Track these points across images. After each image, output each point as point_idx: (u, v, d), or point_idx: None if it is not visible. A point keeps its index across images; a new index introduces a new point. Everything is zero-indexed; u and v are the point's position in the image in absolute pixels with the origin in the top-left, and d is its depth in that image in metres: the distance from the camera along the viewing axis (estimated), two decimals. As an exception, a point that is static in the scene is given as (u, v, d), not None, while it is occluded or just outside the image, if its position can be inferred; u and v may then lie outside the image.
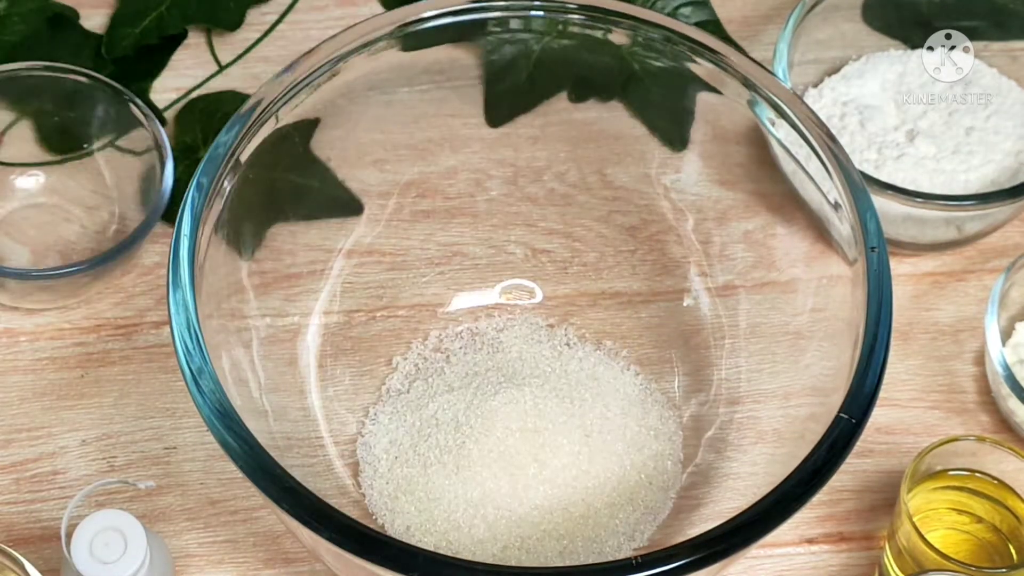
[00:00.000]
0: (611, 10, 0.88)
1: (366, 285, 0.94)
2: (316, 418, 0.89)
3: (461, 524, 0.86)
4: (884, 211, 0.88)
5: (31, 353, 0.94)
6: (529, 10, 0.88)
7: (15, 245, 0.96)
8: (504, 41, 0.95)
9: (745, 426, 0.88)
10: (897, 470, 0.90)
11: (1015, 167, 0.98)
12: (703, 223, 0.93)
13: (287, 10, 1.07)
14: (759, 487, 0.77)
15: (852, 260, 0.82)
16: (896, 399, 0.94)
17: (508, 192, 0.95)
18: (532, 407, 0.88)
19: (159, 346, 0.94)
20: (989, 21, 1.04)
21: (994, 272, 0.98)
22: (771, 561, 0.89)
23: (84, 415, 0.92)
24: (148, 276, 0.96)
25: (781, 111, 0.85)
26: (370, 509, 0.87)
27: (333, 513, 0.72)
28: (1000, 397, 0.93)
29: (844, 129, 0.99)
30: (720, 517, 0.74)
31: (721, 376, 0.91)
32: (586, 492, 0.87)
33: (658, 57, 0.90)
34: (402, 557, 0.71)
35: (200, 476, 0.90)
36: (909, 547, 0.82)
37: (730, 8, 1.06)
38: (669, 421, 0.90)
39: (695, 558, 0.72)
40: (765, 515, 0.73)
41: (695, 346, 0.92)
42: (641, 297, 0.94)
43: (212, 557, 0.88)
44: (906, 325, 0.96)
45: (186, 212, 0.80)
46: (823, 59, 1.03)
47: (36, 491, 0.89)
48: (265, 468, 0.73)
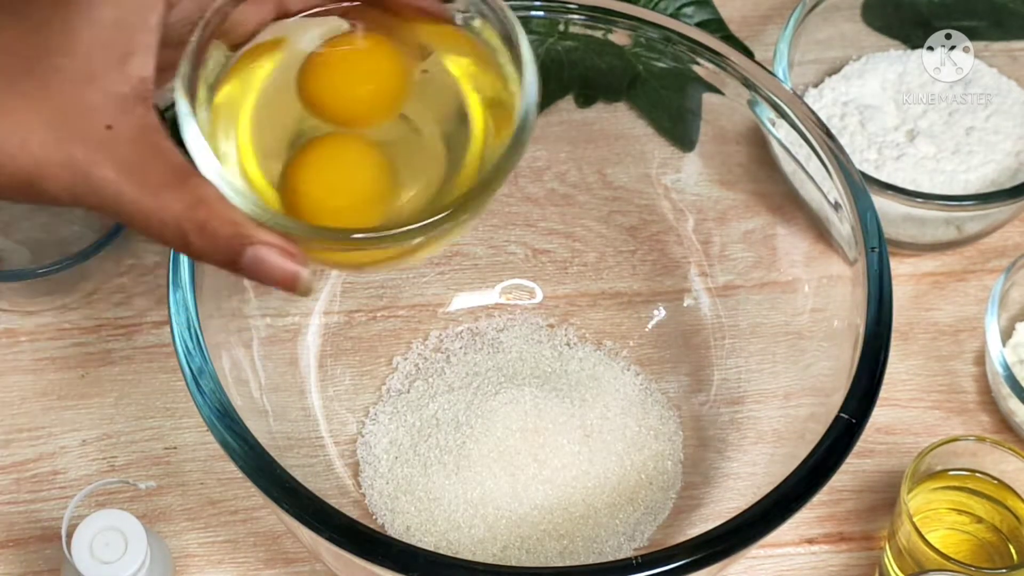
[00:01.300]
0: (610, 10, 0.88)
1: (366, 285, 0.94)
2: (316, 418, 0.89)
3: (461, 524, 0.86)
4: (884, 211, 0.88)
5: (31, 353, 0.94)
6: (529, 10, 0.88)
7: (15, 245, 0.96)
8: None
9: (745, 426, 0.88)
10: (897, 470, 0.90)
11: (1015, 167, 0.98)
12: (703, 223, 0.93)
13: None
14: (759, 487, 0.77)
15: (852, 260, 0.82)
16: (896, 399, 0.94)
17: (508, 192, 0.95)
18: (532, 407, 0.88)
19: (159, 346, 0.94)
20: (989, 21, 1.04)
21: (994, 272, 0.98)
22: (771, 561, 0.89)
23: (84, 415, 0.92)
24: (148, 276, 0.96)
25: (781, 111, 0.85)
26: (370, 509, 0.87)
27: (333, 513, 0.72)
28: (1000, 397, 0.93)
29: (844, 129, 0.99)
30: (720, 517, 0.74)
31: (721, 376, 0.91)
32: (586, 492, 0.87)
33: (660, 58, 0.90)
34: (402, 557, 0.71)
35: (200, 476, 0.90)
36: (909, 547, 0.82)
37: (730, 8, 1.06)
38: (669, 421, 0.90)
39: (695, 558, 0.72)
40: (765, 515, 0.73)
41: (695, 346, 0.92)
42: (641, 297, 0.94)
43: (212, 557, 0.88)
44: (906, 325, 0.96)
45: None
46: (823, 59, 1.03)
47: (36, 491, 0.89)
48: (265, 468, 0.73)
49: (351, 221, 0.64)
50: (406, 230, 0.63)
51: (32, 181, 0.61)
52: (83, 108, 0.61)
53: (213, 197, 0.61)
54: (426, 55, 0.69)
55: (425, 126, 0.68)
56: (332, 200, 0.64)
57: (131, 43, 0.62)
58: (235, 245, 0.61)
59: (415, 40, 0.69)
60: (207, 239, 0.61)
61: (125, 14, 0.62)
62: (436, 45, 0.69)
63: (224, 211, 0.61)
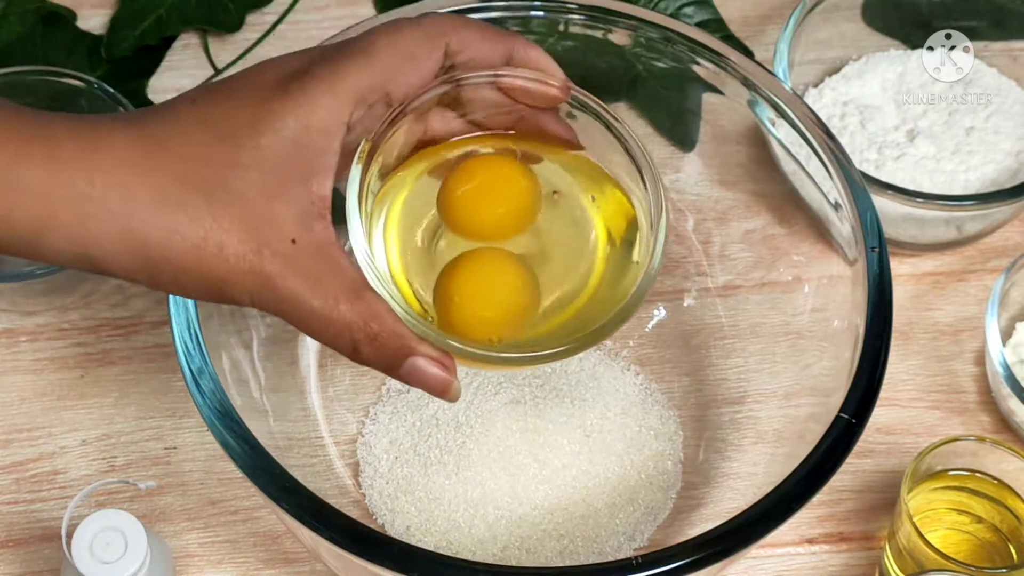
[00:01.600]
0: (610, 10, 0.88)
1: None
2: (316, 418, 0.89)
3: (461, 524, 0.86)
4: (884, 211, 0.88)
5: (31, 353, 0.94)
6: (529, 10, 0.88)
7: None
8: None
9: (745, 426, 0.88)
10: (897, 470, 0.90)
11: (1015, 167, 0.98)
12: (703, 223, 0.93)
13: (287, 10, 1.07)
14: (759, 487, 0.77)
15: (852, 260, 0.82)
16: (896, 399, 0.94)
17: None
18: (532, 407, 0.88)
19: (159, 346, 0.94)
20: (989, 21, 1.04)
21: (994, 272, 0.98)
22: (771, 561, 0.89)
23: (84, 415, 0.92)
24: (148, 276, 0.96)
25: (781, 111, 0.85)
26: (370, 509, 0.87)
27: (333, 513, 0.72)
28: (1000, 397, 0.93)
29: (844, 129, 0.99)
30: (720, 517, 0.74)
31: (721, 376, 0.91)
32: (586, 492, 0.87)
33: (660, 58, 0.90)
34: (402, 557, 0.71)
35: (200, 476, 0.90)
36: (909, 547, 0.82)
37: (730, 8, 1.06)
38: (669, 421, 0.90)
39: (695, 558, 0.71)
40: (765, 515, 0.73)
41: (695, 346, 0.92)
42: (641, 297, 0.94)
43: (212, 557, 0.88)
44: (906, 325, 0.96)
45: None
46: (823, 59, 1.03)
47: (36, 491, 0.89)
48: (265, 468, 0.73)
49: (499, 331, 0.72)
50: (546, 354, 0.71)
51: (221, 286, 0.66)
52: (272, 221, 0.66)
53: (384, 311, 0.67)
54: (559, 182, 0.76)
55: (554, 245, 0.75)
56: (483, 312, 0.72)
57: (315, 164, 0.67)
58: (400, 356, 0.67)
59: (551, 165, 0.76)
60: (376, 350, 0.67)
61: (311, 136, 0.66)
62: (569, 170, 0.76)
63: (393, 325, 0.67)
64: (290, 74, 0.67)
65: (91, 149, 0.65)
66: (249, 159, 0.66)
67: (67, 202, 0.64)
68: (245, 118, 0.66)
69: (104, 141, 0.65)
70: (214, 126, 0.66)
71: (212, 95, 0.67)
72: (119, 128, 0.66)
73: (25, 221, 0.64)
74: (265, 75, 0.68)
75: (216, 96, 0.67)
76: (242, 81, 0.68)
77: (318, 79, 0.67)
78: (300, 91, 0.66)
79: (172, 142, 0.66)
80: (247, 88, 0.67)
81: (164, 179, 0.65)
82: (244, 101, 0.67)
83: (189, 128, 0.66)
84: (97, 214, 0.64)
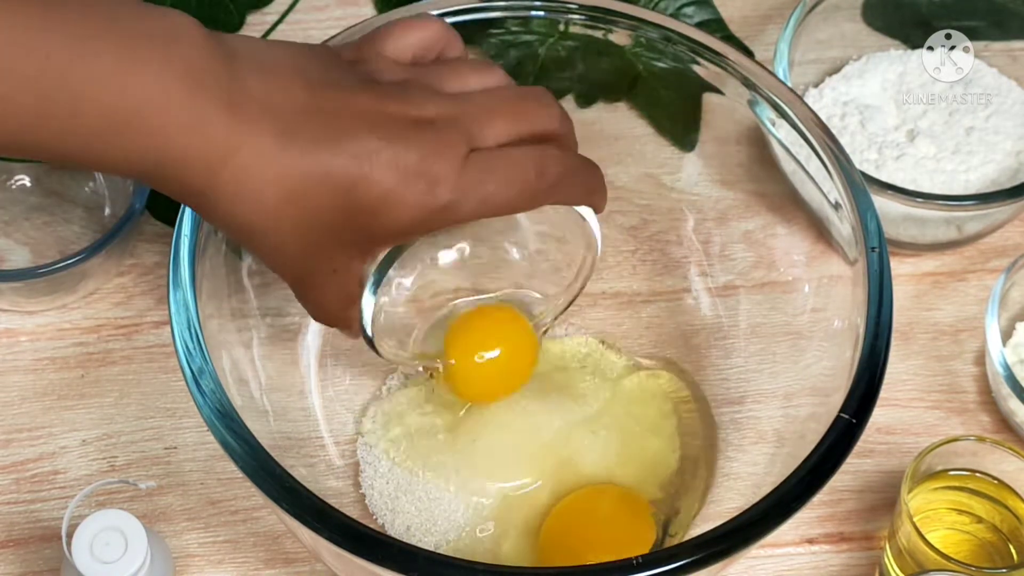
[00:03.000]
0: (610, 10, 0.88)
1: (366, 285, 0.94)
2: (316, 418, 0.89)
3: (461, 524, 0.86)
4: (884, 211, 0.88)
5: (31, 353, 0.94)
6: (529, 10, 0.88)
7: (15, 245, 0.96)
8: (508, 44, 0.95)
9: (745, 426, 0.88)
10: (897, 470, 0.90)
11: (1015, 167, 0.98)
12: (703, 223, 0.93)
13: (288, 10, 1.07)
14: (759, 487, 0.77)
15: (852, 260, 0.82)
16: (896, 399, 0.94)
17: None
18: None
19: (159, 346, 0.94)
20: (989, 21, 1.04)
21: (994, 272, 0.98)
22: (771, 561, 0.89)
23: (84, 415, 0.92)
24: (148, 276, 0.96)
25: (782, 111, 0.85)
26: (370, 509, 0.87)
27: (333, 513, 0.72)
28: (1000, 397, 0.93)
29: (844, 129, 0.99)
30: (720, 517, 0.74)
31: (721, 376, 0.91)
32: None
33: (660, 58, 0.90)
34: (402, 557, 0.71)
35: (200, 476, 0.90)
36: (909, 547, 0.82)
37: (730, 8, 1.06)
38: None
39: (695, 558, 0.71)
40: (765, 515, 0.73)
41: (695, 346, 0.92)
42: (641, 297, 0.94)
43: (212, 557, 0.88)
44: (906, 325, 0.96)
45: (186, 212, 0.80)
46: (823, 59, 1.03)
47: (36, 491, 0.89)
48: (265, 468, 0.73)
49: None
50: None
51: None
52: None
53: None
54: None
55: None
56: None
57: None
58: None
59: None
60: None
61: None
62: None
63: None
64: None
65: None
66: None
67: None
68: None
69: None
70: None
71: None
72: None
73: (200, 160, 0.68)
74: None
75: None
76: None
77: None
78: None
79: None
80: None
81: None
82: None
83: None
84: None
